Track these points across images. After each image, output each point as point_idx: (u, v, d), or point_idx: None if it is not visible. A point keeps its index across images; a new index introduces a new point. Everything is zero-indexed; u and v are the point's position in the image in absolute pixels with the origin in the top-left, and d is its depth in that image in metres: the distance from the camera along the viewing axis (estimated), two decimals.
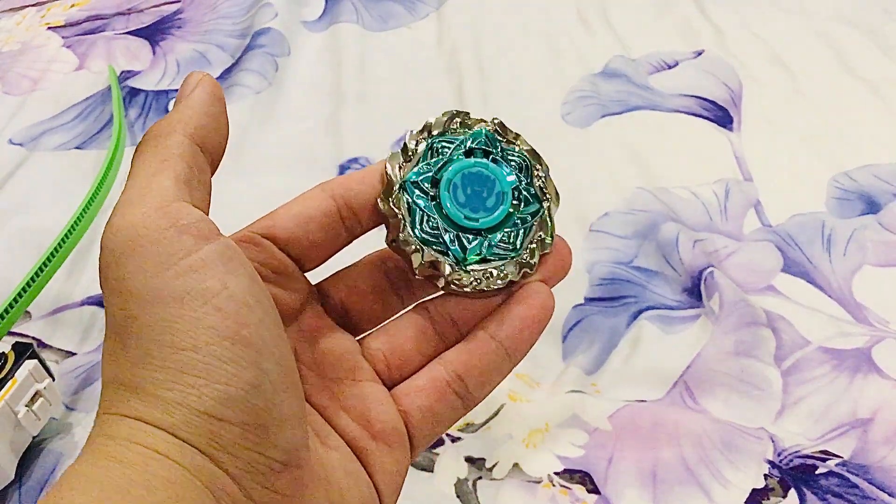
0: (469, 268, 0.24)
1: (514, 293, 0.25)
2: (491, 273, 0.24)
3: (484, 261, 0.24)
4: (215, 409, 0.19)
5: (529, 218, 0.25)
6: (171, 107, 0.63)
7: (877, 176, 0.52)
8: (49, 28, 0.75)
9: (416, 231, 0.24)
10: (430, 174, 0.24)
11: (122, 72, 0.68)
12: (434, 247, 0.24)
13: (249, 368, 0.19)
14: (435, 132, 0.25)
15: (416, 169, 0.25)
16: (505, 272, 0.24)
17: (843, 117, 0.58)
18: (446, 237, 0.24)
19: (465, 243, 0.24)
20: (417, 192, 0.24)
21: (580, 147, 0.57)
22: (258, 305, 0.20)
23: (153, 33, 0.72)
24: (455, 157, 0.25)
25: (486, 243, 0.24)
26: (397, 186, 0.24)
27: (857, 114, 0.58)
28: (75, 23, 0.75)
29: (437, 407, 0.24)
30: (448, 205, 0.24)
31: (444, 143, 0.25)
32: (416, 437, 0.25)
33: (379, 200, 0.24)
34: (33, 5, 0.79)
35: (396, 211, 0.24)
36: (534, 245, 0.25)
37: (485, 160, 0.25)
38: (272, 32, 0.69)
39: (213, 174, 0.23)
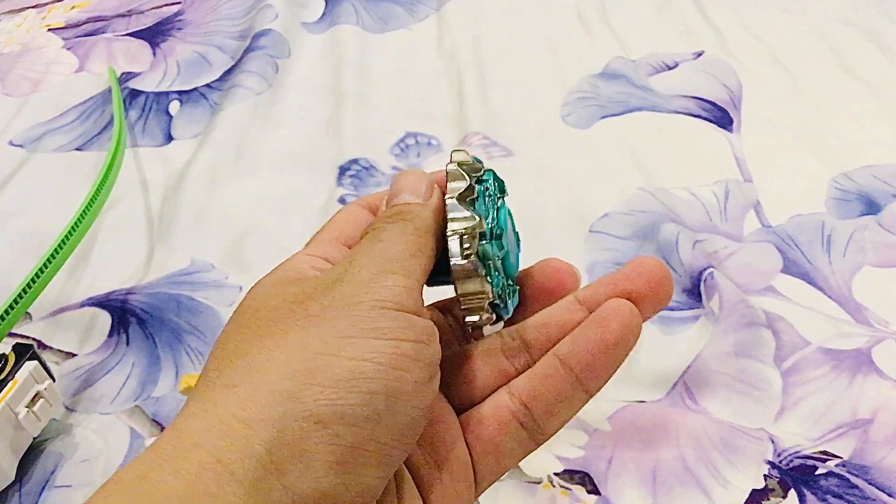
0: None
1: (593, 312, 0.23)
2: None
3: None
4: (324, 413, 0.19)
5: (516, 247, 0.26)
6: (171, 108, 0.64)
7: (876, 177, 0.52)
8: (49, 30, 0.75)
9: (494, 284, 0.24)
10: (497, 230, 0.24)
11: (123, 73, 0.68)
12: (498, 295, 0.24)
13: (383, 399, 0.20)
14: (470, 175, 0.24)
15: (487, 224, 0.24)
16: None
17: (843, 118, 0.58)
18: (505, 290, 0.24)
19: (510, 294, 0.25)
20: (494, 246, 0.24)
21: (580, 148, 0.57)
22: (427, 373, 0.21)
23: (153, 35, 0.73)
24: (501, 206, 0.25)
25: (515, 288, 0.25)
26: (473, 252, 0.23)
27: (857, 114, 0.58)
28: (76, 24, 0.75)
29: (500, 439, 0.23)
30: (510, 259, 0.25)
31: (480, 189, 0.25)
32: (480, 472, 0.24)
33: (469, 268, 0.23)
34: (34, 7, 0.79)
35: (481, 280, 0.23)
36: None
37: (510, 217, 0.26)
38: (272, 34, 0.69)
39: None
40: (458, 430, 0.24)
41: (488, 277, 0.23)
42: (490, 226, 0.24)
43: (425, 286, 0.23)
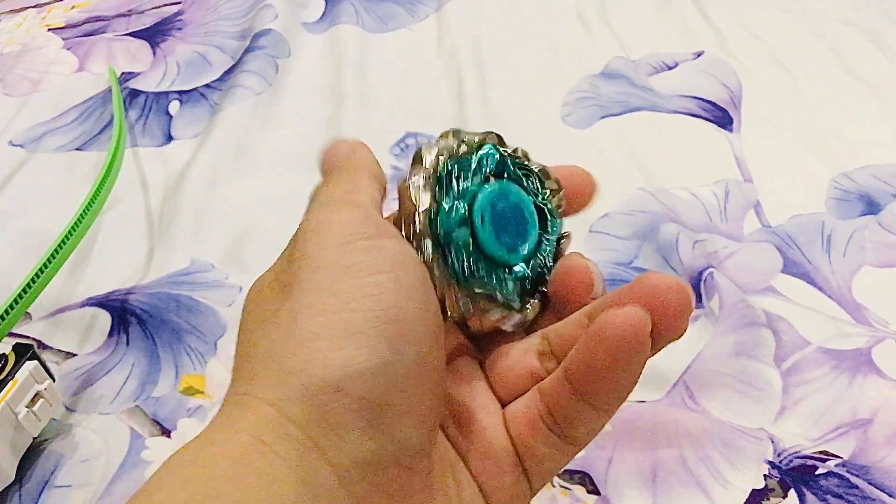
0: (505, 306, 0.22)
1: (595, 319, 0.21)
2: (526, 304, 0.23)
3: (524, 292, 0.23)
4: (336, 378, 0.18)
5: (554, 236, 0.24)
6: (171, 108, 0.64)
7: (876, 177, 0.52)
8: (49, 30, 0.75)
9: (458, 273, 0.22)
10: (464, 211, 0.22)
11: (123, 73, 0.68)
12: (477, 288, 0.22)
13: (386, 346, 0.19)
14: (441, 154, 0.23)
15: (452, 208, 0.22)
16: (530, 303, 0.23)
17: (843, 118, 0.58)
18: (493, 279, 0.22)
19: (504, 281, 0.22)
20: (458, 231, 0.22)
21: (580, 148, 0.57)
22: (420, 299, 0.20)
23: (153, 35, 0.73)
24: (479, 186, 0.23)
25: (517, 278, 0.23)
26: (436, 235, 0.22)
27: (857, 114, 0.58)
28: (76, 24, 0.75)
29: (531, 440, 0.22)
30: (490, 244, 0.22)
31: (459, 169, 0.23)
32: (528, 468, 0.22)
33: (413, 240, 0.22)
34: (34, 7, 0.79)
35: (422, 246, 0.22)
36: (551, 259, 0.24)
37: (506, 183, 0.23)
38: (272, 34, 0.69)
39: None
40: (500, 418, 0.23)
41: (449, 269, 0.22)
42: (449, 208, 0.22)
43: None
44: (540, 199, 0.24)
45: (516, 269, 0.23)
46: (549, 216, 0.24)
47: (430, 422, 0.20)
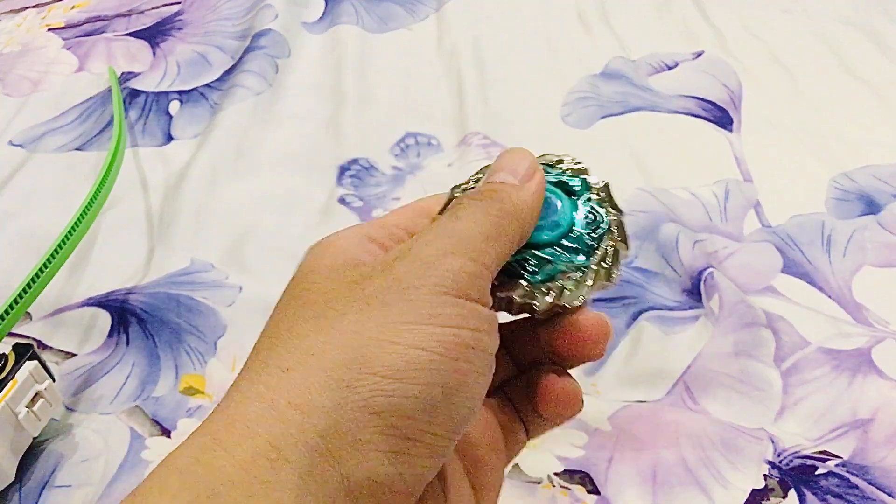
0: (538, 288, 0.23)
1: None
2: (551, 291, 0.23)
3: (551, 280, 0.23)
4: (379, 405, 0.18)
5: (566, 261, 0.24)
6: (171, 108, 0.63)
7: (876, 177, 0.52)
8: (49, 29, 0.75)
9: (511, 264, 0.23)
10: None
11: (123, 73, 0.68)
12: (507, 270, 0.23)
13: (441, 390, 0.19)
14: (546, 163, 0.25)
15: None
16: (567, 290, 0.23)
17: (843, 118, 0.58)
18: (517, 257, 0.23)
19: (534, 261, 0.24)
20: None
21: (580, 148, 0.57)
22: (486, 363, 0.21)
23: (153, 35, 0.73)
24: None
25: (551, 263, 0.23)
26: None
27: (856, 114, 0.58)
28: (75, 24, 0.75)
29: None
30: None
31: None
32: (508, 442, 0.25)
33: None
34: (34, 7, 0.79)
35: None
36: (554, 292, 0.24)
37: (559, 191, 0.25)
38: (272, 34, 0.69)
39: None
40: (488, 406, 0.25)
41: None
42: None
43: None
44: (584, 233, 0.25)
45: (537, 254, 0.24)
46: (577, 246, 0.24)
47: (446, 458, 0.21)
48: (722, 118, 0.58)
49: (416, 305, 0.20)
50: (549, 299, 0.23)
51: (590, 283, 0.24)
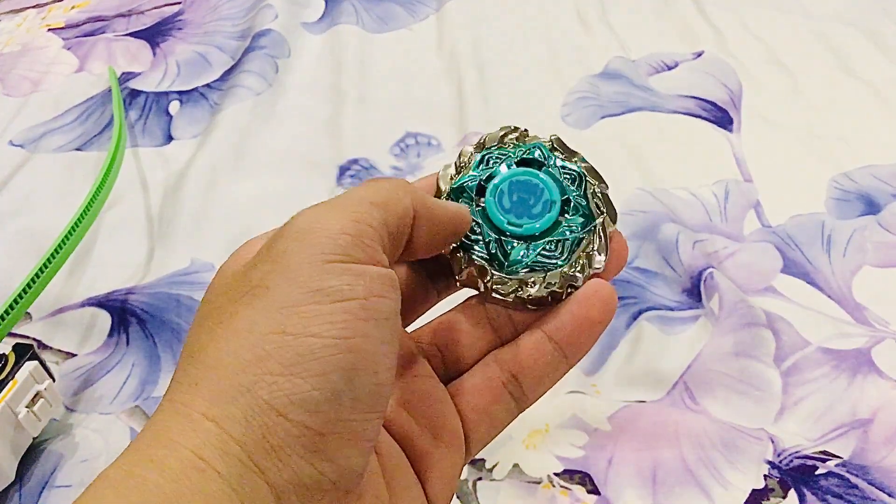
0: (511, 275, 0.24)
1: (576, 291, 0.24)
2: (533, 282, 0.24)
3: (529, 270, 0.24)
4: (282, 404, 0.18)
5: (579, 228, 0.24)
6: (171, 108, 0.64)
7: (876, 177, 0.52)
8: (49, 30, 0.75)
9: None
10: (477, 182, 0.25)
11: (123, 73, 0.68)
12: (477, 252, 0.24)
13: (339, 375, 0.18)
14: (490, 145, 0.26)
15: (463, 176, 0.25)
16: (548, 282, 0.24)
17: (843, 118, 0.58)
18: (489, 242, 0.24)
19: (508, 248, 0.24)
20: (463, 197, 0.25)
21: (580, 148, 0.56)
22: (386, 330, 0.19)
23: (153, 35, 0.73)
24: (505, 167, 0.25)
25: (529, 250, 0.24)
26: (444, 194, 0.25)
27: (856, 114, 0.58)
28: (76, 24, 0.75)
29: (493, 408, 0.24)
30: (493, 210, 0.24)
31: (497, 155, 0.25)
32: (472, 440, 0.24)
33: None
34: (34, 7, 0.79)
35: None
36: (583, 260, 0.24)
37: (534, 170, 0.25)
38: (272, 34, 0.69)
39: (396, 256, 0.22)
40: (448, 400, 0.24)
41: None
42: (465, 181, 0.25)
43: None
44: (575, 195, 0.25)
45: (514, 242, 0.24)
46: (579, 209, 0.25)
47: (372, 445, 0.20)
48: (722, 118, 0.58)
49: (298, 283, 0.19)
50: (586, 273, 0.24)
51: (603, 236, 0.25)
